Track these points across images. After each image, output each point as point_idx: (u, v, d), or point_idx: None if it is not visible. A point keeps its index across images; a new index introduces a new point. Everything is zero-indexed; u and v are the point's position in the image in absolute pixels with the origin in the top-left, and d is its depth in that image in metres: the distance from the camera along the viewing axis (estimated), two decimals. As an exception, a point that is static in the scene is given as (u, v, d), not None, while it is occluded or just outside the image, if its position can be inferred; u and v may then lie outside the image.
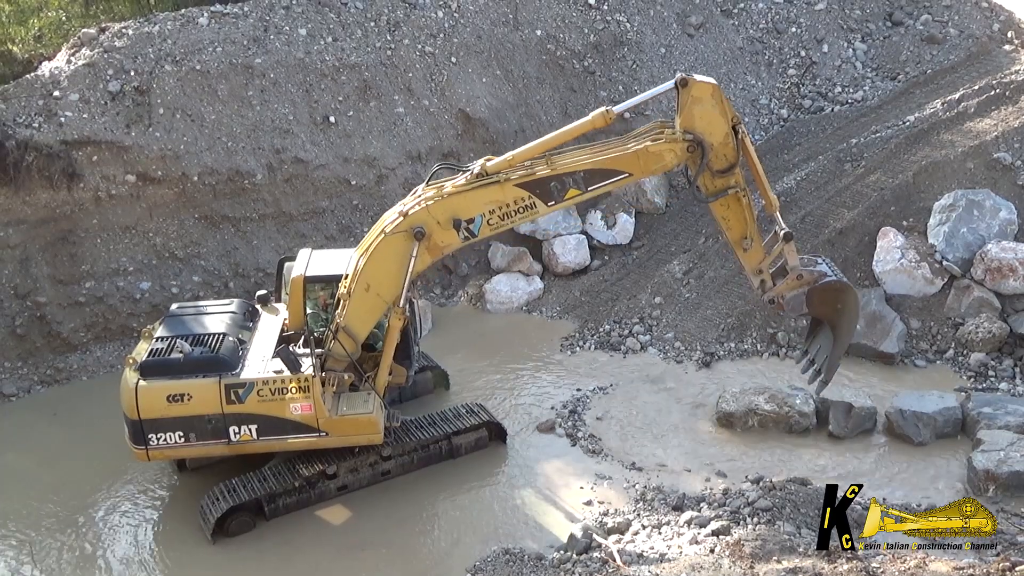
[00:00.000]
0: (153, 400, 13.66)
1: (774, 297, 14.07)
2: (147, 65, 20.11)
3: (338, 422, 14.04)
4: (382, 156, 21.62)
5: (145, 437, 13.84)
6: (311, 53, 21.46)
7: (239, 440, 13.98)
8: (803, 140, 23.04)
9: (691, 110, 12.86)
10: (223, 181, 20.25)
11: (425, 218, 13.30)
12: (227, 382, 13.73)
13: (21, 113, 19.03)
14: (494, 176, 13.20)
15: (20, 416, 17.67)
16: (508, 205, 13.32)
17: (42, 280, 18.98)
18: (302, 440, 14.14)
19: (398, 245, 13.41)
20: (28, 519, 14.76)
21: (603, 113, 13.08)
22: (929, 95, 22.73)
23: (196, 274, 20.07)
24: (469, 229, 13.43)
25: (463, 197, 13.32)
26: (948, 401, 16.05)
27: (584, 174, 13.23)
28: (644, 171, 13.53)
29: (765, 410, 16.15)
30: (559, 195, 13.33)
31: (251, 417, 13.86)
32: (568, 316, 20.47)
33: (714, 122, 12.95)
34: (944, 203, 19.09)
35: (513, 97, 23.19)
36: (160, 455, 14.17)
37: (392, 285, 13.67)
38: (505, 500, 14.84)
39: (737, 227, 13.66)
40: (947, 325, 18.34)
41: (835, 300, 14.01)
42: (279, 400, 13.80)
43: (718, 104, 12.90)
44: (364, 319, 13.96)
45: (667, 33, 24.90)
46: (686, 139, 12.98)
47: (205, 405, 13.74)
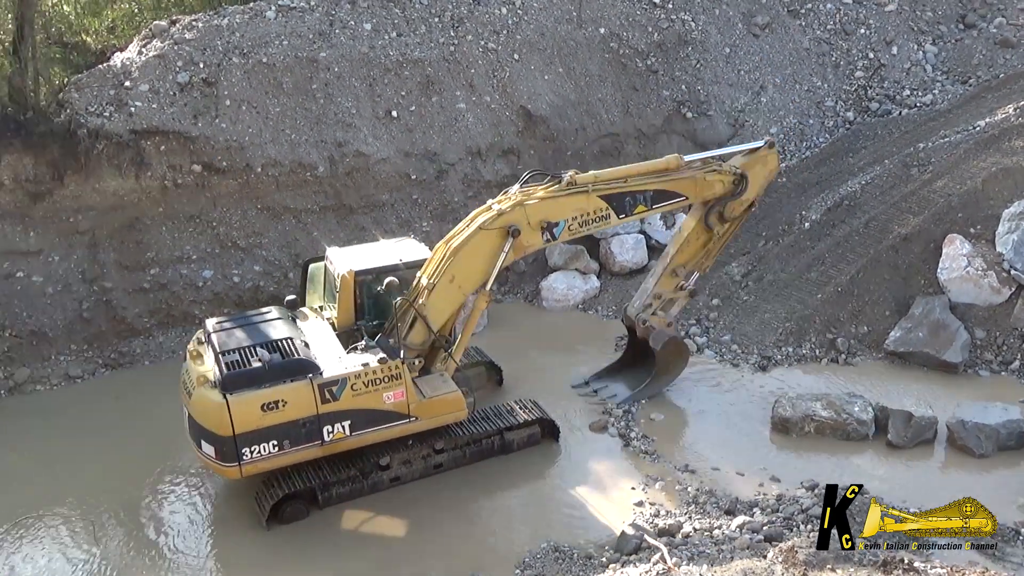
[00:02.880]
0: (247, 412, 13.32)
1: (647, 321, 16.88)
2: (215, 57, 20.47)
3: (427, 404, 14.46)
4: (443, 151, 21.75)
5: (239, 453, 13.42)
6: (375, 48, 21.66)
7: (332, 439, 13.95)
8: (869, 143, 22.67)
9: (755, 163, 16.17)
10: (286, 173, 20.54)
11: (521, 217, 14.27)
12: (320, 382, 13.68)
13: (93, 102, 19.50)
14: (583, 186, 14.63)
15: (84, 398, 18.13)
16: (589, 213, 14.81)
17: (109, 266, 19.45)
18: (394, 428, 14.37)
19: (492, 240, 14.24)
20: (90, 501, 15.08)
21: (676, 158, 15.47)
22: (1001, 100, 22.18)
23: (257, 264, 20.38)
24: (552, 232, 14.65)
25: (555, 202, 14.54)
26: (1012, 413, 15.64)
27: (653, 193, 15.30)
28: (698, 195, 15.82)
29: (822, 416, 15.92)
30: (630, 209, 15.24)
31: (346, 413, 13.94)
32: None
33: (756, 184, 16.23)
34: (1013, 211, 18.62)
35: (575, 95, 23.16)
36: (254, 469, 13.72)
37: (475, 278, 14.38)
38: (556, 498, 14.84)
39: (687, 254, 16.58)
40: (1013, 336, 17.88)
41: (675, 356, 17.31)
42: (373, 391, 14.02)
43: (769, 178, 16.60)
44: (442, 309, 14.42)
45: (732, 33, 24.66)
46: (735, 173, 15.87)
47: (300, 409, 13.60)
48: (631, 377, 17.52)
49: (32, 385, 18.50)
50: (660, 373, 17.26)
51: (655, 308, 16.98)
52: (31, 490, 15.33)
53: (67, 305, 19.21)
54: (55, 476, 15.73)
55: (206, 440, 13.62)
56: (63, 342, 19.10)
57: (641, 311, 16.95)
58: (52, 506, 14.97)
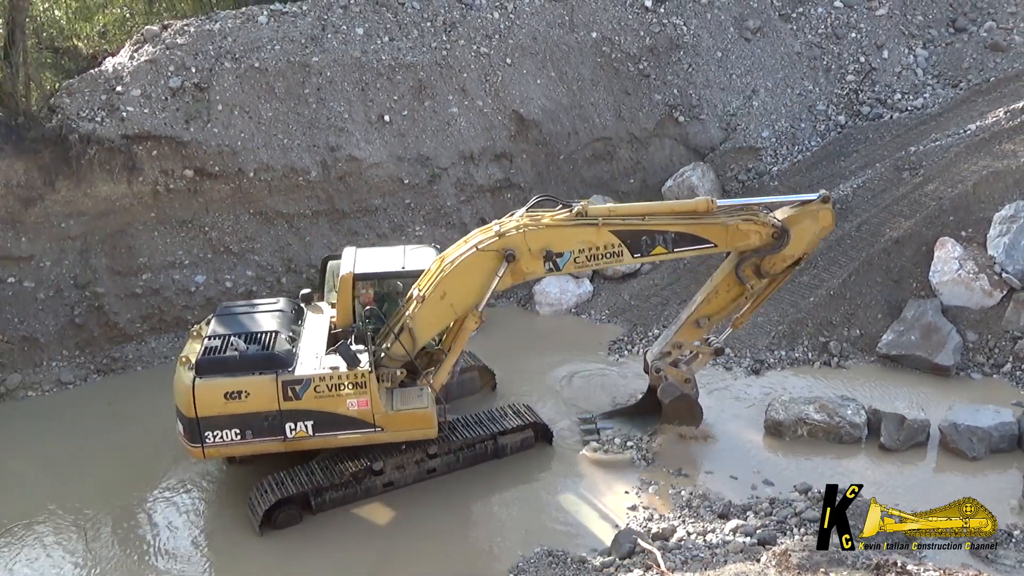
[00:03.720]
0: (210, 398, 13.67)
1: (661, 369, 15.62)
2: (207, 62, 20.45)
3: (394, 417, 14.13)
4: (435, 156, 21.75)
5: (201, 435, 13.83)
6: (367, 52, 21.67)
7: (294, 437, 14.01)
8: (860, 147, 22.72)
9: (804, 217, 14.28)
10: (278, 178, 20.52)
11: (520, 243, 13.68)
12: (284, 379, 13.77)
13: (85, 107, 19.47)
14: (594, 218, 13.77)
15: (76, 404, 18.08)
16: (598, 248, 13.86)
17: (100, 271, 19.42)
18: (357, 435, 14.20)
19: (487, 262, 13.71)
20: (82, 507, 15.04)
21: (707, 201, 14.08)
22: (992, 103, 22.25)
23: (250, 269, 20.36)
24: (556, 262, 13.88)
25: (560, 231, 13.77)
26: (1004, 416, 15.66)
27: (675, 236, 13.98)
28: (729, 244, 14.27)
29: (815, 420, 15.93)
30: (647, 249, 14.01)
31: (308, 413, 13.91)
32: (617, 320, 20.41)
33: (804, 239, 14.35)
34: (1005, 214, 18.68)
35: (567, 99, 23.18)
36: (215, 452, 14.20)
37: (468, 298, 13.90)
38: (549, 502, 14.82)
39: (715, 306, 15.02)
40: (1005, 338, 17.93)
41: (684, 417, 15.95)
42: (336, 396, 13.87)
43: (820, 235, 14.56)
44: (430, 324, 14.15)
45: (724, 37, 24.71)
46: (776, 226, 14.11)
47: (262, 402, 13.75)
48: (639, 425, 16.44)
49: (24, 391, 18.44)
50: (664, 426, 16.17)
51: (674, 357, 15.64)
52: (23, 496, 15.28)
53: (59, 310, 19.16)
54: (47, 482, 15.69)
55: (178, 418, 14.14)
56: (55, 348, 19.06)
57: (658, 358, 15.68)
58: (44, 512, 14.93)
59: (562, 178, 23.09)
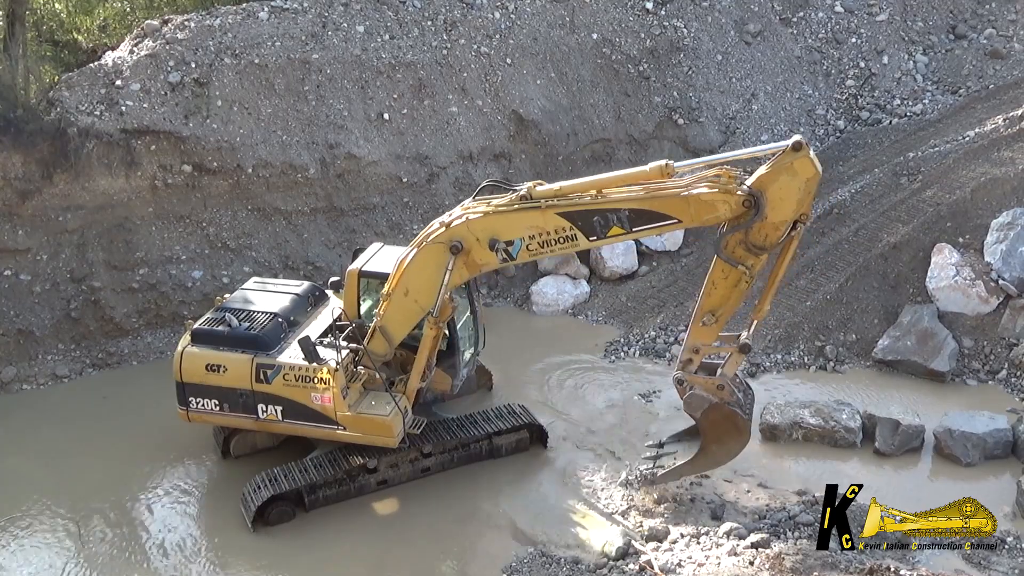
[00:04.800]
0: (194, 366, 14.52)
1: (684, 380, 13.46)
2: (207, 58, 20.42)
3: (356, 419, 14.16)
4: (434, 155, 21.73)
5: (187, 399, 14.72)
6: (368, 50, 21.64)
7: (266, 418, 14.49)
8: (859, 152, 22.74)
9: (778, 175, 11.81)
10: (277, 174, 20.49)
11: (464, 233, 13.08)
12: (259, 361, 14.25)
13: (84, 101, 19.42)
14: (536, 201, 12.70)
15: (71, 398, 18.04)
16: (548, 233, 12.78)
17: (97, 265, 19.37)
18: (321, 429, 14.42)
19: (436, 255, 13.32)
20: (75, 501, 15.03)
21: (662, 167, 12.17)
22: (990, 110, 22.29)
23: (247, 265, 20.32)
24: (508, 251, 13.06)
25: (504, 218, 12.93)
26: (999, 422, 15.72)
27: (630, 213, 12.39)
28: (695, 219, 12.35)
29: (810, 423, 15.95)
30: (601, 231, 12.58)
31: (277, 399, 14.31)
32: (613, 321, 20.41)
33: (787, 200, 11.91)
34: (1002, 221, 18.72)
35: (567, 100, 23.18)
36: (199, 418, 15.00)
37: (430, 293, 13.54)
38: (543, 503, 14.82)
39: (717, 299, 12.83)
40: (1001, 345, 17.97)
41: (726, 431, 13.66)
42: (302, 387, 14.15)
43: (805, 190, 11.90)
44: (401, 323, 14.06)
45: (724, 40, 24.72)
46: (743, 192, 11.92)
47: (236, 380, 14.37)
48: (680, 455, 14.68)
49: (19, 384, 18.39)
50: (708, 449, 13.98)
51: (696, 364, 13.48)
52: (16, 490, 15.25)
53: (55, 304, 19.11)
54: (41, 476, 15.67)
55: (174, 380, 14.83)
56: (50, 341, 19.01)
57: (679, 369, 13.58)
58: (38, 506, 14.93)
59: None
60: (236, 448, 15.71)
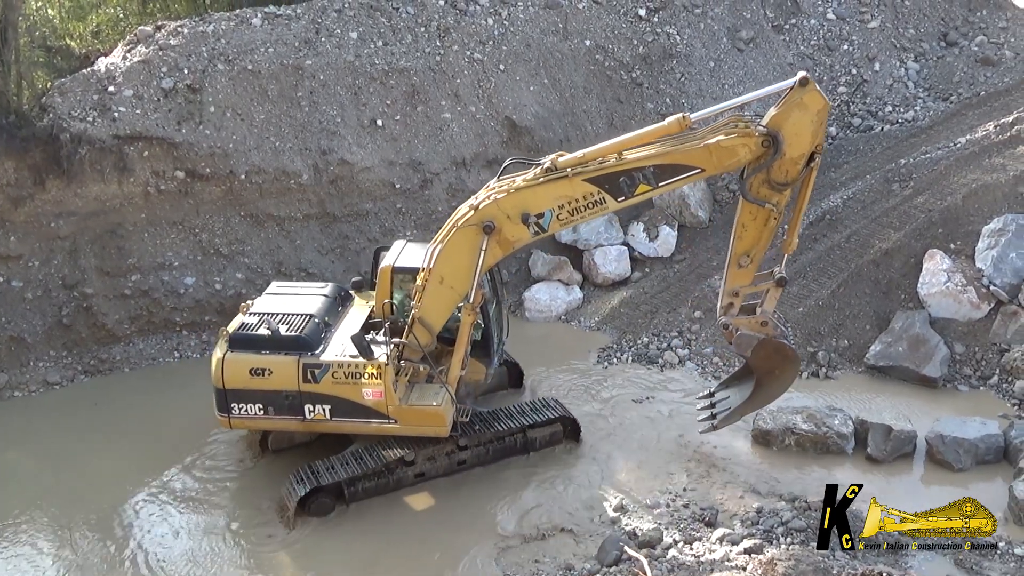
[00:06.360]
0: (237, 371, 14.40)
1: (729, 324, 14.12)
2: (200, 64, 20.42)
3: (407, 411, 14.32)
4: (427, 161, 21.74)
5: (228, 406, 14.59)
6: (361, 56, 21.66)
7: (313, 418, 14.49)
8: (851, 159, 22.82)
9: (790, 111, 12.54)
10: (269, 180, 20.48)
11: (495, 212, 13.36)
12: (305, 361, 14.28)
13: (76, 107, 19.40)
14: (563, 171, 13.09)
15: (63, 405, 17.98)
16: (577, 200, 13.19)
17: (89, 272, 19.33)
18: (372, 425, 14.50)
19: (469, 238, 13.56)
20: (67, 508, 14.97)
21: (679, 119, 12.71)
22: (982, 117, 22.39)
23: (240, 271, 20.30)
24: (539, 224, 13.39)
25: (532, 192, 13.29)
26: (991, 428, 15.76)
27: (654, 169, 12.92)
28: (717, 166, 13.01)
29: (803, 429, 15.97)
30: (628, 190, 13.07)
31: (325, 397, 14.36)
32: (606, 327, 20.41)
33: (803, 134, 12.60)
34: (993, 227, 18.80)
35: (560, 106, 23.21)
36: (240, 424, 15.00)
37: (465, 278, 13.78)
38: (534, 507, 14.78)
39: (749, 241, 13.48)
40: (992, 351, 18.03)
41: (777, 363, 14.35)
42: (352, 384, 14.24)
43: (818, 122, 12.59)
44: (439, 311, 14.16)
45: (717, 47, 24.80)
46: (760, 134, 12.60)
47: (283, 381, 14.34)
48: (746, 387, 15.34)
49: (10, 391, 18.32)
50: (764, 383, 14.73)
51: (737, 307, 14.12)
52: (7, 497, 15.20)
53: (47, 311, 19.07)
54: (32, 483, 15.65)
55: (213, 387, 14.70)
56: (42, 348, 18.96)
57: (722, 314, 14.23)
58: (29, 513, 14.87)
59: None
60: (274, 442, 15.93)
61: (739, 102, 13.57)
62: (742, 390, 15.01)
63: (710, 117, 13.31)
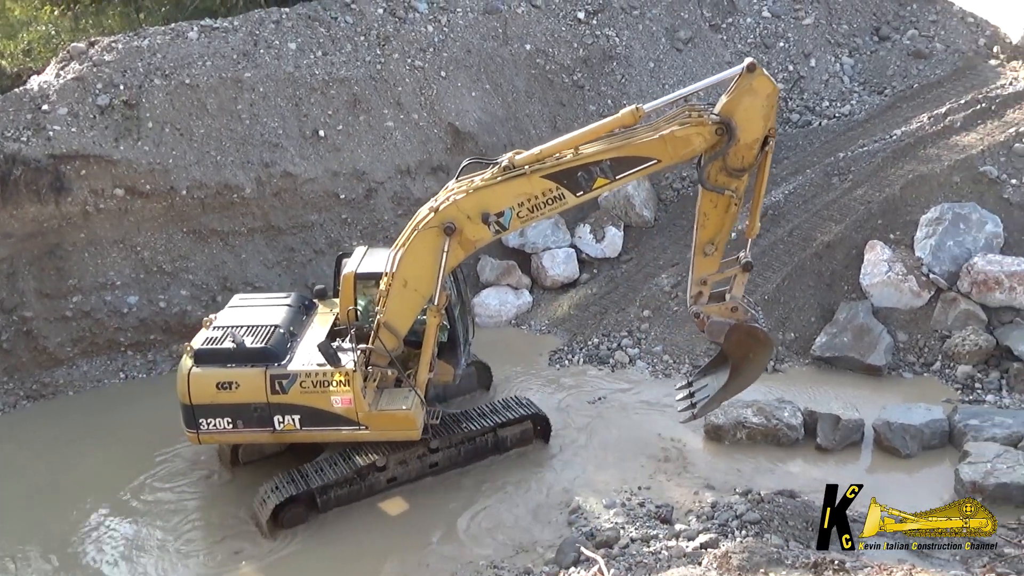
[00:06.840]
0: (203, 386, 14.22)
1: (700, 312, 14.12)
2: (136, 79, 20.11)
3: (377, 416, 14.28)
4: (371, 170, 21.63)
5: (196, 421, 14.39)
6: (301, 67, 21.50)
7: (283, 429, 14.37)
8: (791, 154, 23.13)
9: (741, 98, 12.62)
10: (212, 195, 20.22)
11: (455, 213, 13.37)
12: (272, 372, 14.14)
13: (9, 127, 19.00)
14: (520, 169, 13.16)
15: (5, 432, 17.56)
16: (536, 197, 13.27)
17: (28, 294, 18.92)
18: (343, 432, 14.44)
19: (431, 241, 13.55)
20: (12, 539, 14.68)
21: (633, 111, 12.84)
22: (915, 109, 22.86)
23: (184, 288, 20.01)
24: (499, 223, 13.47)
25: (491, 191, 13.33)
26: (935, 413, 16.09)
27: (611, 162, 13.06)
28: (673, 156, 13.12)
29: (753, 423, 16.16)
30: (587, 185, 13.19)
31: (294, 408, 14.24)
32: (557, 330, 20.47)
33: (755, 120, 12.70)
34: (930, 216, 19.18)
35: (502, 111, 23.25)
36: (210, 439, 14.80)
37: (428, 280, 13.76)
38: (490, 511, 14.78)
39: (712, 229, 13.50)
40: (934, 338, 18.40)
41: (751, 347, 14.28)
42: (321, 392, 14.14)
43: (768, 106, 12.69)
44: (404, 314, 14.10)
45: (656, 48, 25.01)
46: (713, 122, 12.72)
47: (251, 394, 14.18)
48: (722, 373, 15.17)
49: (-50, 419, 17.91)
50: (739, 368, 14.66)
51: (706, 295, 14.11)
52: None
53: (-15, 336, 18.66)
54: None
55: (180, 404, 14.48)
56: (-18, 374, 18.55)
57: (692, 304, 14.20)
58: (-27, 544, 14.52)
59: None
60: (244, 455, 15.79)
61: (690, 91, 13.67)
62: (719, 377, 15.00)
63: (663, 108, 13.38)
